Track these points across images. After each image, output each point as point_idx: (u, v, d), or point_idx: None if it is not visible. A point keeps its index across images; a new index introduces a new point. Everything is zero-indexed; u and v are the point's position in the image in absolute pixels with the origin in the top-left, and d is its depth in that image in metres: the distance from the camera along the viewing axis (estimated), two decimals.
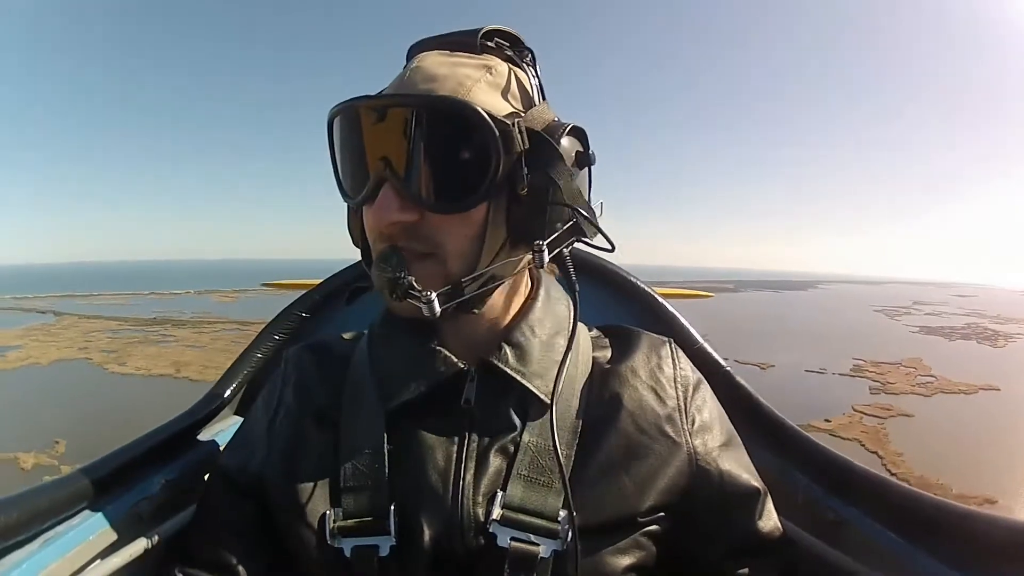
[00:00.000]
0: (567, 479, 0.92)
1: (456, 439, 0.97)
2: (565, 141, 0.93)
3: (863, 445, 55.77)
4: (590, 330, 1.18)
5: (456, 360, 1.00)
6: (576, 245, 1.01)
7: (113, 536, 1.11)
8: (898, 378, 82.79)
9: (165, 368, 77.39)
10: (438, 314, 0.88)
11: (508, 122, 0.88)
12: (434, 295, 0.87)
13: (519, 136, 0.89)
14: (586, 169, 0.99)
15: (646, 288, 1.82)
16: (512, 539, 0.90)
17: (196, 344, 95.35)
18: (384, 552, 0.91)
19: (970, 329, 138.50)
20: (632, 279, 1.84)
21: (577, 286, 1.02)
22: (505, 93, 0.94)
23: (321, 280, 2.00)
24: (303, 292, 1.98)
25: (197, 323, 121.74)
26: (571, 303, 1.09)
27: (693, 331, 1.62)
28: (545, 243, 0.91)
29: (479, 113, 0.87)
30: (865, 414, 65.24)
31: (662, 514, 0.99)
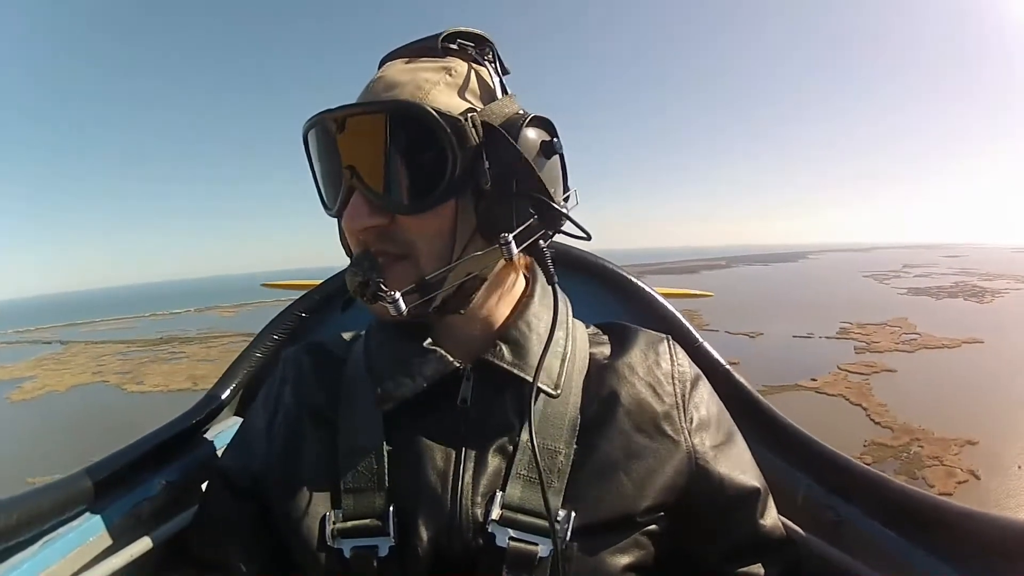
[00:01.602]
0: (565, 477, 0.94)
1: (454, 439, 0.97)
2: (530, 132, 0.93)
3: (847, 399, 59.36)
4: (588, 327, 1.17)
5: (452, 360, 0.98)
6: (571, 242, 1.02)
7: (114, 537, 1.11)
8: (883, 337, 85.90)
9: (182, 383, 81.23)
10: (404, 313, 0.89)
11: (460, 118, 0.89)
12: (398, 294, 0.88)
13: (472, 131, 0.90)
14: (556, 158, 0.98)
15: (646, 288, 1.81)
16: (511, 539, 0.89)
17: (207, 358, 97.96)
18: (383, 553, 0.91)
19: (957, 287, 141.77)
20: (632, 279, 1.84)
21: (555, 277, 1.00)
22: (463, 91, 0.95)
23: (321, 281, 2.01)
24: (302, 292, 1.99)
25: (204, 339, 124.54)
26: (565, 297, 1.08)
27: (693, 330, 1.61)
28: (512, 235, 0.90)
29: (428, 112, 0.87)
30: (850, 372, 68.52)
31: (661, 513, 0.98)
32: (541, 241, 0.97)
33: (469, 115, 0.90)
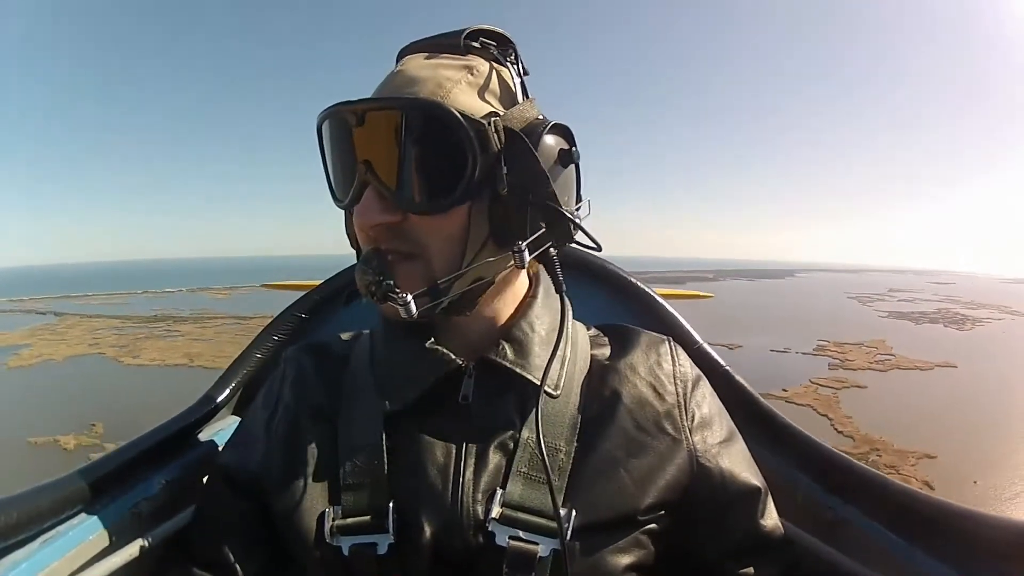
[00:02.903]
0: (566, 475, 0.93)
1: (455, 437, 0.95)
2: (549, 139, 0.93)
3: (815, 410, 62.02)
4: (589, 329, 1.16)
5: (454, 357, 0.97)
6: (570, 244, 1.02)
7: (113, 536, 1.09)
8: (858, 356, 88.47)
9: (179, 359, 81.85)
10: (415, 316, 0.88)
11: (484, 122, 0.88)
12: (410, 297, 0.87)
13: (495, 136, 0.89)
14: (572, 167, 0.97)
15: (646, 289, 1.80)
16: (511, 538, 0.88)
17: (202, 337, 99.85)
18: (383, 550, 0.90)
19: (940, 314, 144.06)
20: (632, 280, 1.82)
21: (564, 285, 1.00)
22: (485, 93, 0.94)
23: (321, 281, 1.99)
24: (303, 293, 1.96)
25: (198, 319, 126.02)
26: (566, 300, 1.06)
27: (693, 331, 1.61)
28: (525, 244, 0.90)
29: (453, 114, 0.86)
30: (821, 385, 71.17)
31: (662, 512, 0.97)
32: (552, 250, 0.97)
33: (492, 119, 0.89)
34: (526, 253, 0.90)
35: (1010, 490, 45.60)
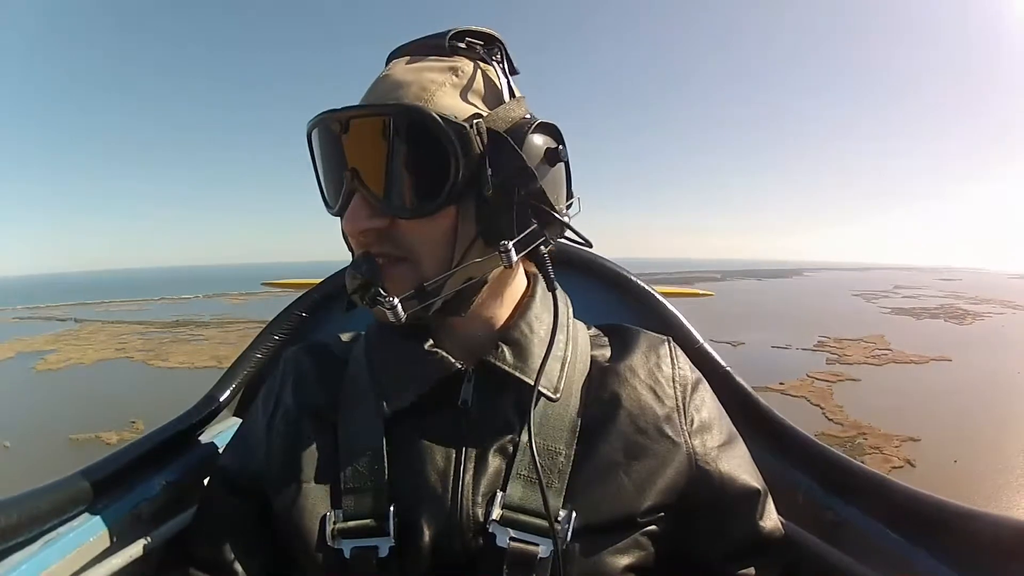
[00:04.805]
0: (566, 478, 0.93)
1: (455, 440, 0.95)
2: (534, 138, 0.92)
3: (808, 400, 65.75)
4: (589, 329, 1.15)
5: (453, 361, 0.97)
6: (569, 243, 1.02)
7: (114, 537, 1.09)
8: (855, 351, 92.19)
9: (207, 361, 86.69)
10: (403, 319, 0.88)
11: (465, 124, 0.87)
12: (397, 300, 0.87)
13: (477, 138, 0.88)
14: (561, 165, 0.97)
15: (647, 288, 1.77)
16: (511, 539, 0.88)
17: (227, 341, 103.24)
18: (383, 553, 0.90)
19: (941, 309, 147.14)
20: (633, 279, 1.80)
21: (556, 283, 1.00)
22: (468, 94, 0.93)
23: (320, 280, 1.96)
24: (302, 292, 1.93)
25: (219, 323, 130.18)
26: (566, 298, 1.09)
27: (694, 331, 1.59)
28: (512, 243, 0.89)
29: (434, 119, 0.86)
30: (817, 379, 75.00)
31: (662, 514, 0.97)
32: (542, 248, 0.97)
33: (474, 121, 0.89)
34: (512, 252, 0.90)
35: (992, 467, 48.95)
